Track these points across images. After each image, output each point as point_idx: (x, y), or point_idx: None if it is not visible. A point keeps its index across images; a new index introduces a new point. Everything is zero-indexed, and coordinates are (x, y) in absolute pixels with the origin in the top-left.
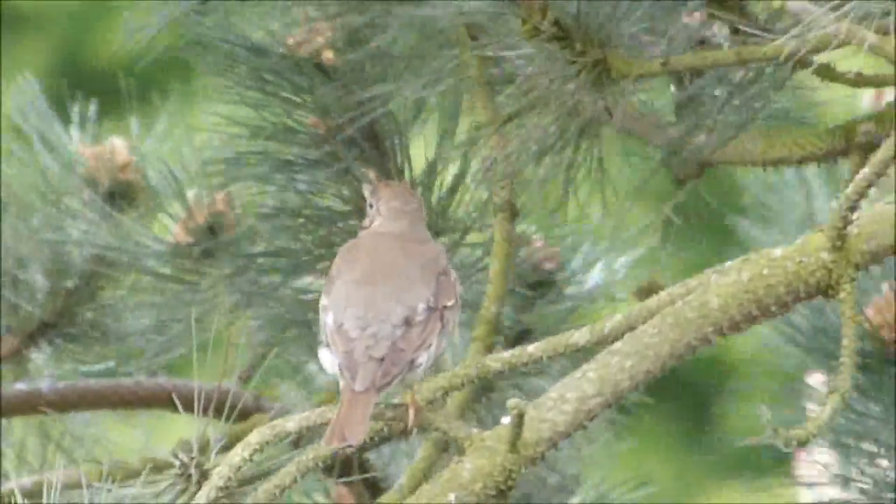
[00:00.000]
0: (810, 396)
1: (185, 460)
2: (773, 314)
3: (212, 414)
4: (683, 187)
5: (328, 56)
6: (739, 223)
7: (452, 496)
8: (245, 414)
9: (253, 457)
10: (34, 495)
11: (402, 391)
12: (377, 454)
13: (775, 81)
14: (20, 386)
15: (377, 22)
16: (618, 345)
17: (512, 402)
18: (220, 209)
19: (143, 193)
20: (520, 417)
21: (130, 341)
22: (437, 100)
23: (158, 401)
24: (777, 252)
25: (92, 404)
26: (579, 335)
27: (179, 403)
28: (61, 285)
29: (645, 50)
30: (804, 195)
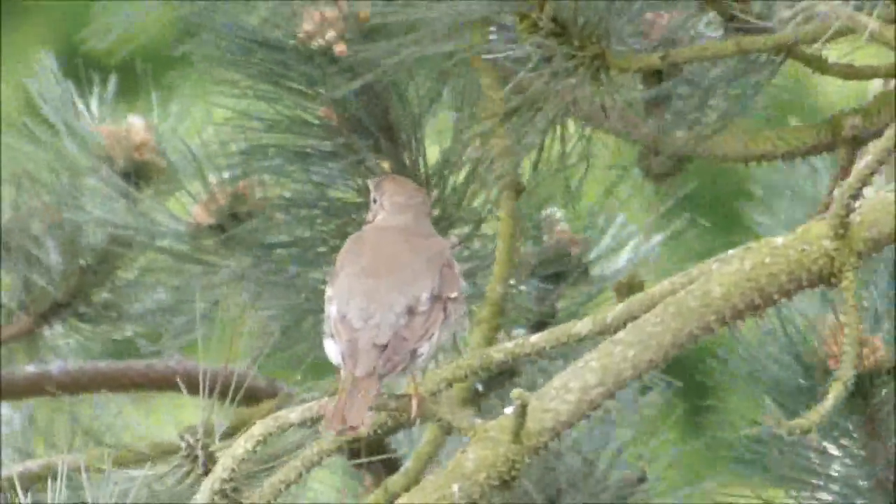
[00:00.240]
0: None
1: (192, 442)
2: (776, 302)
3: (221, 397)
4: (664, 182)
5: (340, 48)
6: (748, 211)
7: (456, 487)
8: (258, 398)
9: (256, 448)
10: (41, 479)
11: (405, 381)
12: (395, 439)
13: (768, 72)
14: (30, 368)
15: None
16: (620, 334)
17: (515, 392)
18: (243, 192)
19: (160, 173)
20: (523, 408)
21: (144, 322)
22: (452, 91)
23: (170, 383)
24: (779, 240)
25: (102, 387)
26: (582, 325)
27: (191, 386)
28: (76, 265)
29: (642, 45)
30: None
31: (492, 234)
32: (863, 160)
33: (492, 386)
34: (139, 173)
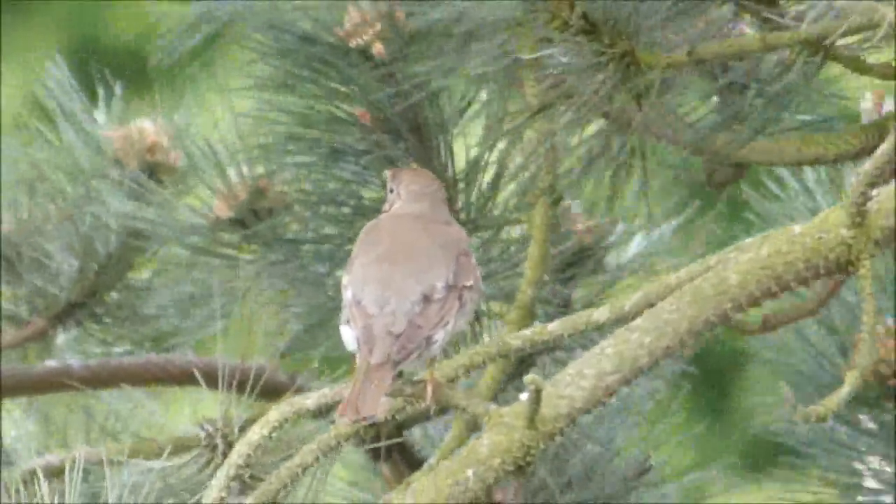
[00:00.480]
0: None
1: (211, 432)
2: (792, 290)
3: (241, 391)
4: (724, 191)
5: (378, 48)
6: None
7: (470, 472)
8: (280, 392)
9: (272, 434)
10: (61, 473)
11: (420, 368)
12: (421, 433)
13: (805, 74)
14: (50, 363)
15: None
16: (637, 321)
17: (529, 378)
18: (263, 187)
19: (172, 174)
20: (537, 393)
21: (158, 321)
22: (484, 95)
23: (189, 378)
24: (797, 228)
25: (122, 381)
26: (599, 313)
27: (211, 381)
28: (90, 266)
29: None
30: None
31: (516, 238)
32: (879, 149)
33: (509, 379)
34: (152, 174)
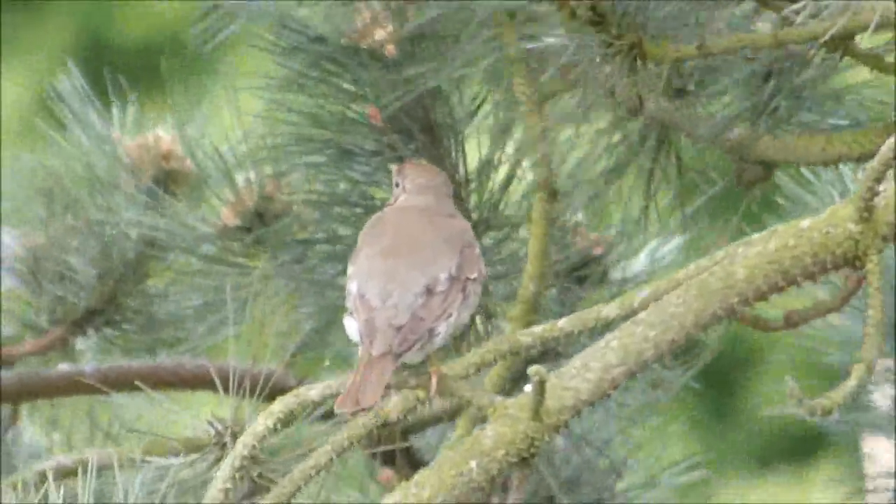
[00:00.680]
0: None
1: (221, 430)
2: (799, 285)
3: (250, 394)
4: (752, 191)
5: (390, 49)
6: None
7: (474, 463)
8: None
9: (277, 425)
10: (73, 474)
11: (424, 361)
12: (422, 437)
13: (823, 71)
14: (63, 367)
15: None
16: (642, 315)
17: (533, 370)
18: (270, 193)
19: (187, 181)
20: (541, 385)
21: (176, 327)
22: (493, 96)
23: (201, 382)
24: (804, 223)
25: (134, 386)
26: (609, 309)
27: (221, 385)
28: (108, 273)
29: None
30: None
31: (527, 238)
32: (886, 144)
33: (518, 379)
34: (167, 182)
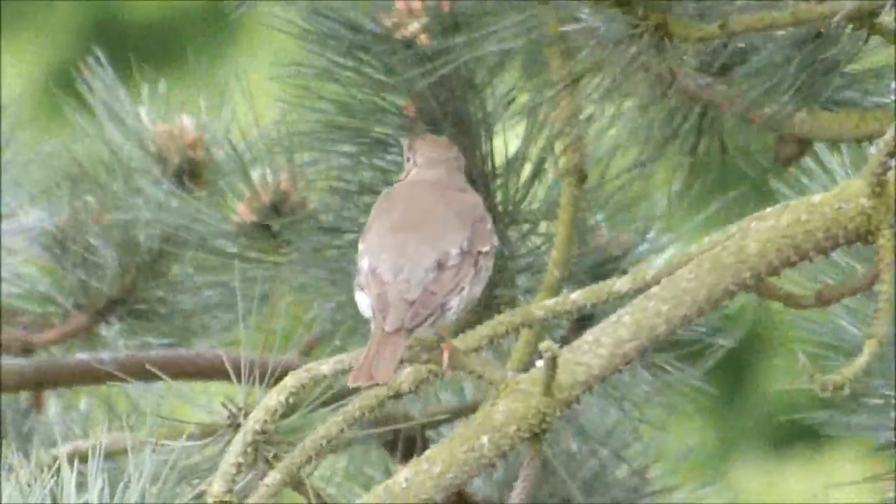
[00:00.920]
0: None
1: (234, 411)
2: (811, 259)
3: (266, 383)
4: (788, 167)
5: (423, 39)
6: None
7: (485, 438)
8: None
9: (289, 400)
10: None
11: (435, 335)
12: (437, 434)
13: (851, 48)
14: (81, 356)
15: None
16: (654, 289)
17: (545, 345)
18: (285, 189)
19: (211, 171)
20: (553, 360)
21: (197, 318)
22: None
23: (219, 372)
24: (816, 198)
25: (152, 375)
26: (622, 283)
27: (237, 375)
28: (131, 262)
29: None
30: None
31: (553, 234)
32: None
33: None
34: (192, 171)
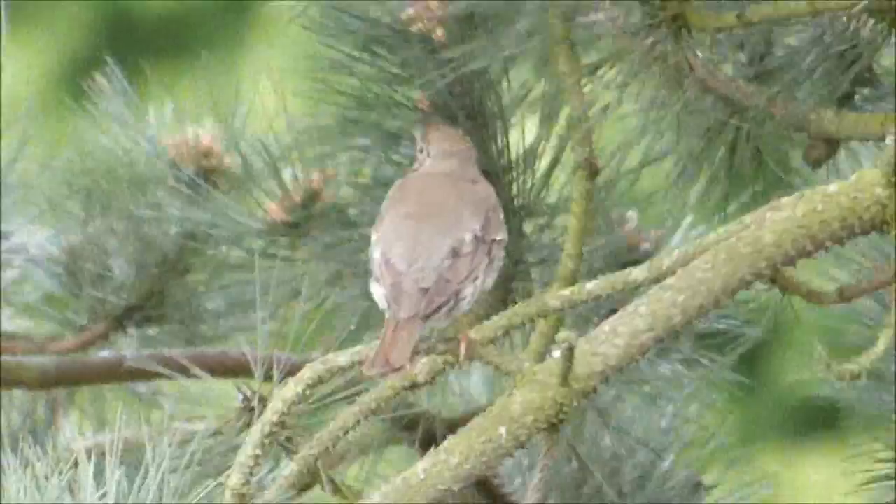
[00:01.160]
0: None
1: (248, 395)
2: (827, 249)
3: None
4: (818, 168)
5: (439, 34)
6: None
7: (503, 429)
8: None
9: (306, 391)
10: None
11: (450, 324)
12: None
13: (871, 43)
14: (104, 354)
15: None
16: (671, 280)
17: (562, 335)
18: (316, 188)
19: (228, 178)
20: (570, 351)
21: (217, 322)
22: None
23: (244, 370)
24: (832, 187)
25: (176, 373)
26: (638, 272)
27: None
28: (147, 269)
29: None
30: None
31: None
32: None
33: None
34: (208, 179)
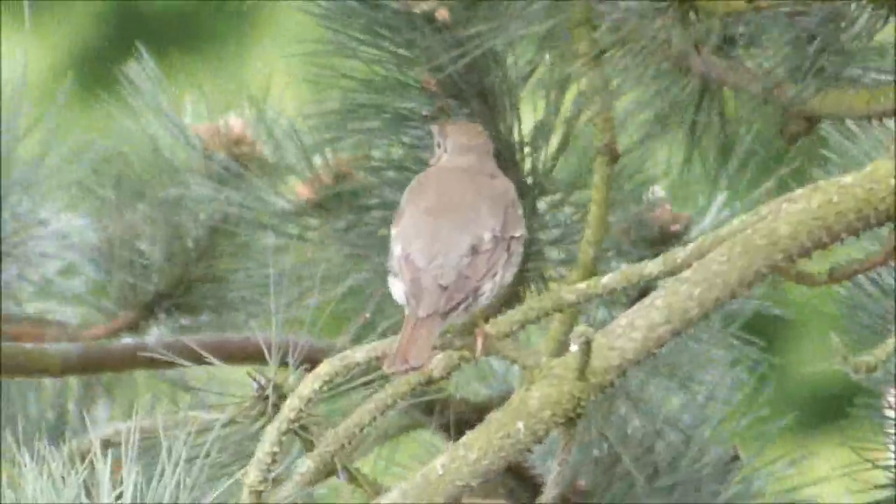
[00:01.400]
0: None
1: (263, 383)
2: (843, 241)
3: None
4: (794, 144)
5: (442, 13)
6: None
7: (521, 424)
8: None
9: (323, 388)
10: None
11: (468, 320)
12: None
13: (870, 26)
14: (127, 340)
15: None
16: (686, 273)
17: (579, 329)
18: (345, 170)
19: (259, 165)
20: (587, 345)
21: (246, 307)
22: (548, 58)
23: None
24: (847, 179)
25: (199, 359)
26: (653, 265)
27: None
28: (178, 256)
29: None
30: None
31: (583, 203)
32: None
33: None
34: (240, 166)
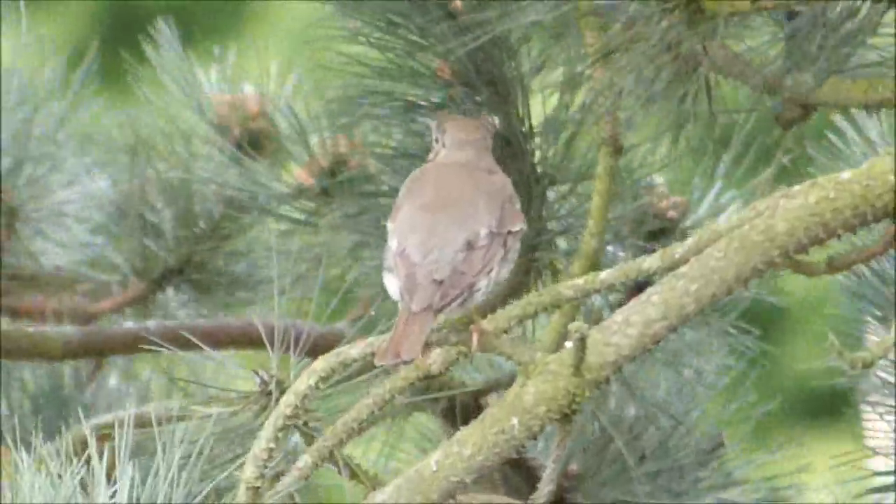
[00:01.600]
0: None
1: (266, 378)
2: (840, 237)
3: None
4: (789, 131)
5: (456, 2)
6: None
7: (515, 420)
8: None
9: (319, 384)
10: (143, 425)
11: (463, 316)
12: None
13: (870, 21)
14: (128, 324)
15: None
16: (683, 268)
17: (574, 326)
18: (343, 151)
19: (272, 142)
20: (582, 341)
21: (254, 287)
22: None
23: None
24: (844, 175)
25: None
26: (651, 261)
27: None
28: (190, 232)
29: None
30: None
31: (588, 193)
32: None
33: None
34: (252, 143)
